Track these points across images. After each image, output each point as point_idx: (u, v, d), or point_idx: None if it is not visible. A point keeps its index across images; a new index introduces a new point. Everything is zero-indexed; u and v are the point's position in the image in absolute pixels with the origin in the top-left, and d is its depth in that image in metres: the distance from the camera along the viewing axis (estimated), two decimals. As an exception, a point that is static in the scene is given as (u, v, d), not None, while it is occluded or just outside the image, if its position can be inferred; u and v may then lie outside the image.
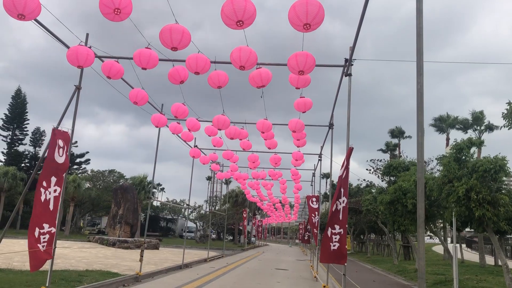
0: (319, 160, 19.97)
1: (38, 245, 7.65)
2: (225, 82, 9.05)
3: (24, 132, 57.64)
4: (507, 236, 33.70)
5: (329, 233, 8.45)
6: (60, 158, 8.18)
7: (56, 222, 8.14)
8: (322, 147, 19.28)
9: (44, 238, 7.75)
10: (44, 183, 7.79)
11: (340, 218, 8.45)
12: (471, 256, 37.56)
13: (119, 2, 6.68)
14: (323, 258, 8.57)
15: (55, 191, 7.97)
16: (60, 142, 8.20)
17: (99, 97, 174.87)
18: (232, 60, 7.74)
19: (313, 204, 18.99)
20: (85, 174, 58.36)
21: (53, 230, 7.95)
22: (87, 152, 60.26)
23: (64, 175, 8.27)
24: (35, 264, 7.66)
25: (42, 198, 7.75)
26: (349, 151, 8.57)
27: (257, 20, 6.47)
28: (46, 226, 7.80)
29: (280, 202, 42.34)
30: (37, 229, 7.64)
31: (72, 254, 20.01)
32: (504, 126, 11.50)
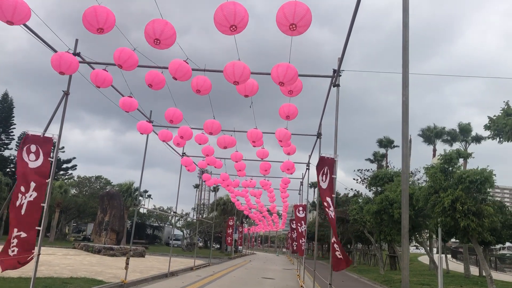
0: (307, 169, 20.02)
1: (8, 249, 7.70)
2: (209, 90, 9.16)
3: (10, 137, 56.92)
4: (491, 247, 34.06)
5: (334, 241, 8.50)
6: (33, 163, 8.09)
7: (41, 227, 8.07)
8: (310, 156, 19.34)
9: (13, 243, 7.74)
10: (22, 188, 7.81)
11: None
12: (456, 266, 37.83)
13: (104, 22, 6.76)
14: (336, 267, 8.63)
15: (30, 196, 7.91)
16: (33, 147, 8.13)
17: (85, 101, 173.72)
18: (226, 75, 7.75)
19: (299, 213, 19.01)
20: (72, 180, 57.74)
21: (23, 235, 7.83)
22: (74, 158, 59.76)
23: (48, 180, 8.18)
24: (5, 266, 7.75)
25: (17, 203, 7.83)
26: (331, 162, 8.68)
27: (246, 26, 6.50)
28: (15, 230, 7.78)
29: (268, 211, 42.29)
30: (11, 234, 7.77)
31: (57, 261, 19.74)
32: (488, 137, 11.75)
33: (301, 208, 19.20)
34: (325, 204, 8.50)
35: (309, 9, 6.29)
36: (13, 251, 7.71)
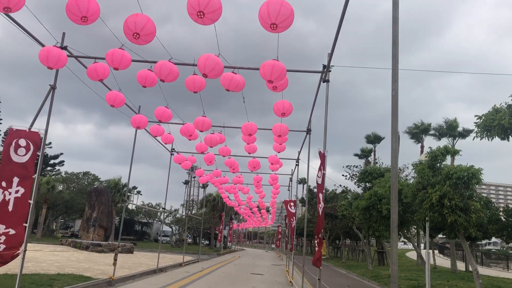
0: (296, 165, 20.04)
1: None
2: (202, 87, 9.13)
3: (-3, 132, 56.10)
4: (478, 242, 34.49)
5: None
6: (21, 158, 7.98)
7: (27, 223, 7.95)
8: (299, 152, 19.37)
9: (0, 239, 7.65)
10: (4, 184, 7.69)
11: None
12: (443, 261, 38.25)
13: (86, 10, 6.63)
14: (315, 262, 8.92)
15: (17, 191, 7.81)
16: (22, 142, 8.02)
17: (67, 94, 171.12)
18: (198, 66, 7.73)
19: (291, 208, 19.02)
20: (59, 175, 57.07)
21: (11, 231, 7.75)
22: (61, 154, 58.97)
23: (34, 176, 8.07)
24: None
25: (0, 198, 7.70)
26: (322, 157, 8.68)
27: (229, 16, 6.44)
28: (2, 227, 7.68)
29: (258, 207, 42.34)
30: None
31: (44, 257, 19.54)
32: (476, 136, 11.86)
33: (292, 204, 19.22)
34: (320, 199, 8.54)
35: (293, 10, 6.22)
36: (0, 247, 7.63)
